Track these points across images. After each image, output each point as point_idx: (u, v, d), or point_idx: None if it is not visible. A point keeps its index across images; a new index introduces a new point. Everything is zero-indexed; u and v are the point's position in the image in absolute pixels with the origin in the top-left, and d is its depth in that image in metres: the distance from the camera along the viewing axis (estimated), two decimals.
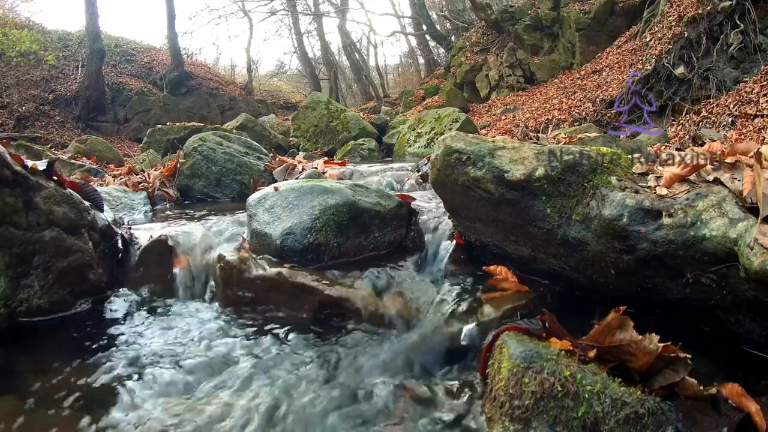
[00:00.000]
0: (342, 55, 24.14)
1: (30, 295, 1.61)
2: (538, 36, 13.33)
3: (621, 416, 1.03)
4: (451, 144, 1.65)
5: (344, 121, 8.79)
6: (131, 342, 1.59)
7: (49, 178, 1.76)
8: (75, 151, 7.69)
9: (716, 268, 1.24)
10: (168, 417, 1.25)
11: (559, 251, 1.55)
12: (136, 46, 19.01)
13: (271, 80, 25.88)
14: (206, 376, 1.41)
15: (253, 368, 1.44)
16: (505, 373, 1.16)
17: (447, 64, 16.54)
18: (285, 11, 22.40)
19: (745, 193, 1.26)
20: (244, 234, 2.10)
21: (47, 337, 1.59)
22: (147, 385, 1.37)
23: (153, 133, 7.95)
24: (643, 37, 9.69)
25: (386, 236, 2.04)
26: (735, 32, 7.14)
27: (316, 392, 1.34)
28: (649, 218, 1.33)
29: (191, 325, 1.69)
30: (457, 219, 1.91)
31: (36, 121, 13.92)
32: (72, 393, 1.33)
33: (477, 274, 1.79)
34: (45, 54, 15.12)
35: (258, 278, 1.76)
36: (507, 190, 1.55)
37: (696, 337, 1.39)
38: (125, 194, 2.96)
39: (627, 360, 1.16)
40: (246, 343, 1.57)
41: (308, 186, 2.07)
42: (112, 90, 15.80)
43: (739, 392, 1.08)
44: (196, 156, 3.57)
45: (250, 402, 1.29)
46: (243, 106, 17.38)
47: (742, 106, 6.30)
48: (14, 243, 1.57)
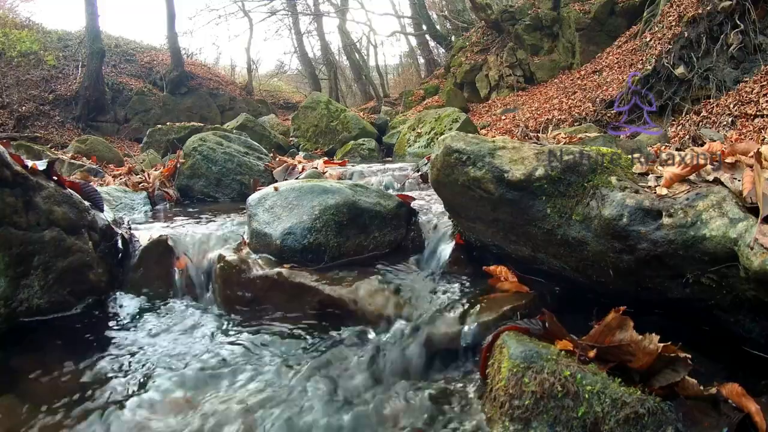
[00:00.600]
0: (342, 55, 24.15)
1: (30, 295, 1.61)
2: (538, 36, 13.33)
3: (621, 416, 1.03)
4: (451, 144, 1.65)
5: (344, 121, 8.79)
6: (131, 342, 1.59)
7: (49, 178, 1.76)
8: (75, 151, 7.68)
9: (716, 268, 1.24)
10: (168, 417, 1.25)
11: (559, 251, 1.55)
12: (136, 46, 19.01)
13: (271, 80, 25.88)
14: (206, 377, 1.41)
15: (253, 368, 1.44)
16: (505, 373, 1.16)
17: (447, 64, 16.54)
18: (285, 11, 22.42)
19: (745, 193, 1.26)
20: (244, 234, 2.10)
21: (47, 337, 1.59)
22: (147, 386, 1.37)
23: (153, 133, 7.95)
24: (643, 37, 9.68)
25: (386, 236, 2.04)
26: (735, 32, 7.13)
27: (316, 393, 1.34)
28: (649, 218, 1.33)
29: (191, 325, 1.69)
30: (457, 219, 1.91)
31: (36, 121, 13.91)
32: (72, 393, 1.33)
33: (477, 274, 1.79)
34: (45, 54, 15.11)
35: (258, 278, 1.76)
36: (507, 190, 1.55)
37: (696, 337, 1.39)
38: (125, 194, 2.96)
39: (627, 360, 1.16)
40: (246, 343, 1.57)
41: (308, 186, 2.07)
42: (112, 90, 15.80)
43: (739, 392, 1.08)
44: (196, 156, 3.57)
45: (250, 402, 1.29)
46: (243, 106, 17.38)
47: (742, 106, 6.30)
48: (14, 243, 1.57)
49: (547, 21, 13.16)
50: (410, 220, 2.15)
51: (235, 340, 1.59)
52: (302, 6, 22.97)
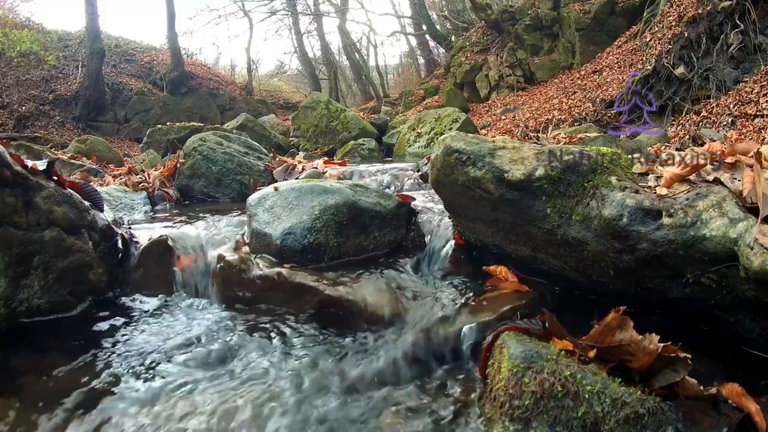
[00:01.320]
0: (342, 55, 24.15)
1: (30, 295, 1.61)
2: (538, 36, 13.33)
3: (621, 416, 1.03)
4: (451, 144, 1.65)
5: (344, 121, 8.79)
6: (131, 342, 1.59)
7: (49, 178, 1.76)
8: (75, 151, 7.69)
9: (716, 268, 1.24)
10: (168, 417, 1.25)
11: (559, 251, 1.55)
12: (136, 46, 19.01)
13: (271, 80, 25.88)
14: (206, 377, 1.41)
15: (253, 369, 1.44)
16: (505, 373, 1.16)
17: (447, 64, 16.54)
18: (285, 11, 22.42)
19: (745, 193, 1.26)
20: (244, 234, 2.10)
21: (47, 337, 1.59)
22: (147, 386, 1.37)
23: (153, 133, 7.95)
24: (643, 37, 9.68)
25: (386, 236, 2.04)
26: (735, 32, 7.13)
27: (315, 392, 1.34)
28: (649, 218, 1.33)
29: (191, 325, 1.69)
30: (457, 219, 1.91)
31: (36, 121, 13.92)
32: (72, 393, 1.33)
33: (477, 274, 1.79)
34: (45, 54, 15.11)
35: (258, 278, 1.76)
36: (507, 190, 1.55)
37: (696, 337, 1.39)
38: (125, 194, 2.96)
39: (627, 360, 1.16)
40: (246, 343, 1.57)
41: (308, 186, 2.07)
42: (112, 90, 15.81)
43: (739, 392, 1.08)
44: (196, 156, 3.57)
45: (250, 403, 1.29)
46: (243, 106, 17.39)
47: (742, 106, 6.30)
48: (14, 243, 1.57)
49: (547, 21, 13.16)
50: (410, 220, 2.15)
51: (234, 340, 1.59)
52: (302, 6, 23.01)
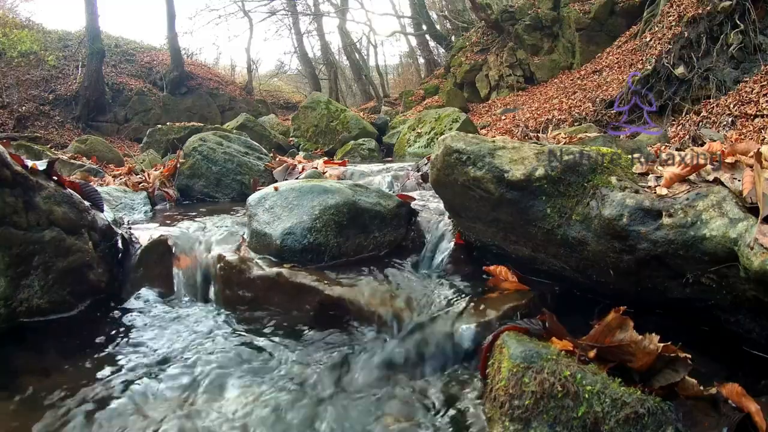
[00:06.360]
0: (342, 55, 24.15)
1: (30, 295, 1.60)
2: (538, 36, 13.33)
3: (621, 416, 1.03)
4: (451, 144, 1.65)
5: (344, 121, 8.79)
6: (131, 342, 1.59)
7: (49, 178, 1.76)
8: (75, 151, 7.69)
9: (716, 268, 1.24)
10: (167, 417, 1.25)
11: (559, 251, 1.55)
12: (136, 46, 19.02)
13: (271, 80, 25.86)
14: (206, 377, 1.41)
15: (253, 369, 1.44)
16: (505, 373, 1.16)
17: (447, 64, 16.54)
18: (285, 11, 22.41)
19: (745, 193, 1.26)
20: (244, 234, 2.10)
21: (47, 337, 1.59)
22: (147, 386, 1.37)
23: (153, 133, 7.95)
24: (643, 37, 9.68)
25: (386, 236, 2.04)
26: (735, 32, 7.14)
27: (314, 391, 1.34)
28: (649, 218, 1.33)
29: (191, 326, 1.69)
30: (457, 219, 1.91)
31: (36, 121, 13.92)
32: (72, 393, 1.33)
33: (477, 274, 1.79)
34: (45, 54, 15.12)
35: (258, 278, 1.76)
36: (507, 190, 1.55)
37: (696, 337, 1.39)
38: (125, 194, 2.95)
39: (627, 360, 1.16)
40: (246, 343, 1.57)
41: (308, 186, 2.07)
42: (112, 90, 15.81)
43: (739, 392, 1.08)
44: (196, 156, 3.57)
45: (250, 403, 1.29)
46: (243, 106, 17.40)
47: (742, 106, 6.30)
48: (14, 243, 1.57)
49: (547, 21, 13.16)
50: (410, 220, 2.15)
51: (234, 340, 1.59)
52: (302, 6, 23.01)
